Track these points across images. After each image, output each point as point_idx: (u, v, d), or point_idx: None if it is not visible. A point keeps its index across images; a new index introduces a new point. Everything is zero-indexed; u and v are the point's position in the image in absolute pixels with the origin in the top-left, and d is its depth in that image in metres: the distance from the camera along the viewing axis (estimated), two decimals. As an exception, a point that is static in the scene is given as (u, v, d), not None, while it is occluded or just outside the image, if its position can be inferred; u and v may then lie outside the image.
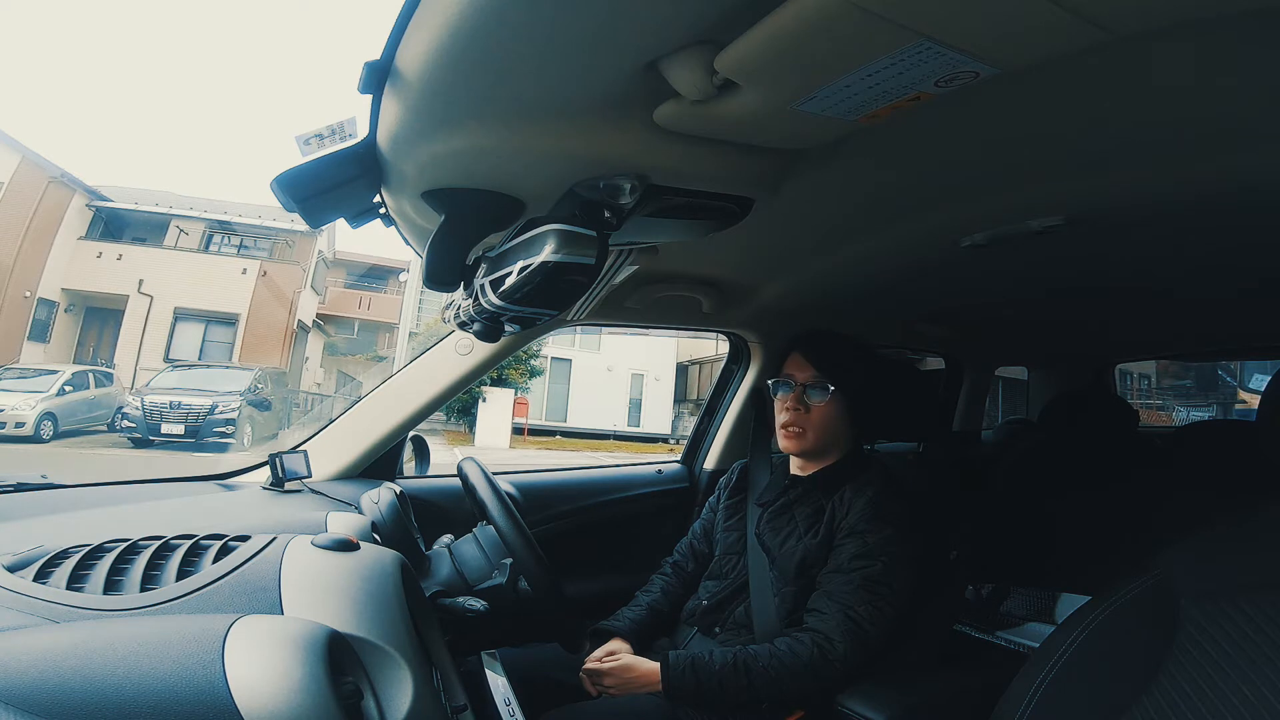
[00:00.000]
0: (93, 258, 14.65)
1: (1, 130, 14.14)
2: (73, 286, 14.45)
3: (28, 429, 9.91)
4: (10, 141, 14.01)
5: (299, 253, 16.11)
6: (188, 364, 12.61)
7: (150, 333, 14.56)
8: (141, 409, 10.18)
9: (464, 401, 13.22)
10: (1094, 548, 1.48)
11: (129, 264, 14.68)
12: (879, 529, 1.08)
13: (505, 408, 13.38)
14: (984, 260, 1.15)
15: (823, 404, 1.16)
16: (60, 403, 10.62)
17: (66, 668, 0.46)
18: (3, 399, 10.07)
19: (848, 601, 1.04)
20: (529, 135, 0.69)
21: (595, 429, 15.08)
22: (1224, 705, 0.60)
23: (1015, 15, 0.49)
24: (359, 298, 18.68)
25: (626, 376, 16.42)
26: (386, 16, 0.56)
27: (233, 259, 15.67)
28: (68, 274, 14.30)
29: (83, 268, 14.43)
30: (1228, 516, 0.71)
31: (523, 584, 1.04)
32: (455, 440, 13.01)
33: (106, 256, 14.75)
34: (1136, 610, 0.70)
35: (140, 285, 14.56)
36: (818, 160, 0.80)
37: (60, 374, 11.17)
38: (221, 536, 0.68)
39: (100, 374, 11.99)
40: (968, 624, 1.63)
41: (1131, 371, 10.60)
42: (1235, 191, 0.82)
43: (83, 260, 14.52)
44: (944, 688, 1.13)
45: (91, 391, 11.40)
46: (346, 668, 0.54)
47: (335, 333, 18.38)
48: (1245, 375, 7.56)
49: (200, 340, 15.07)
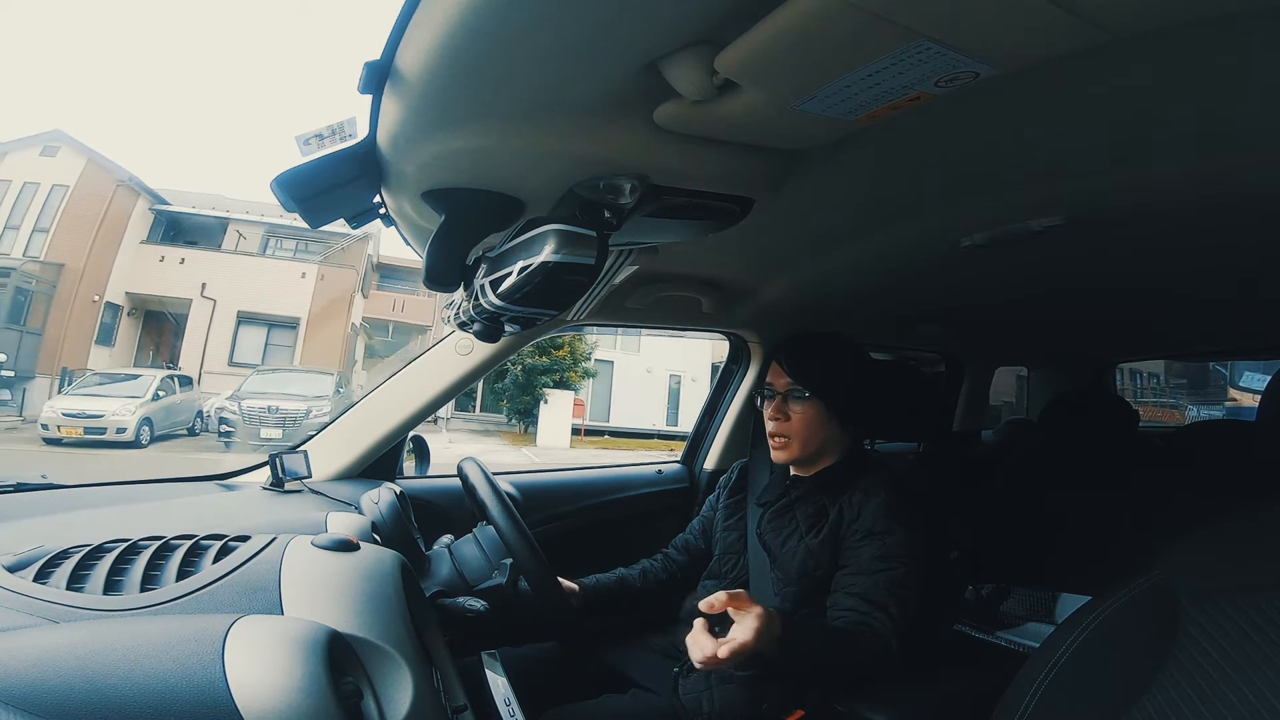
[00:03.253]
0: (155, 261, 14.87)
1: (65, 132, 14.47)
2: (136, 290, 14.63)
3: (129, 435, 10.07)
4: (76, 144, 14.27)
5: (350, 256, 16.30)
6: (273, 369, 12.76)
7: (214, 336, 14.75)
8: (240, 413, 10.33)
9: (526, 403, 13.60)
10: (1094, 548, 1.48)
11: (191, 268, 14.88)
12: (896, 530, 1.07)
13: (566, 409, 13.65)
14: (984, 260, 1.15)
15: (801, 411, 1.16)
16: (155, 408, 10.81)
17: (67, 668, 0.46)
18: (102, 405, 10.23)
19: (884, 603, 1.03)
20: (529, 135, 0.69)
21: (638, 428, 15.28)
22: (1224, 705, 0.60)
23: (1015, 15, 0.49)
24: (393, 300, 18.78)
25: (664, 377, 16.67)
26: (386, 16, 0.56)
27: (292, 263, 15.86)
28: (131, 278, 14.50)
29: (146, 271, 14.64)
30: (1228, 516, 0.71)
31: (522, 584, 1.04)
32: (517, 441, 13.24)
33: (169, 260, 14.95)
34: (1136, 610, 0.70)
35: (203, 289, 14.74)
36: (818, 160, 0.80)
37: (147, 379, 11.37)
38: (221, 537, 0.68)
39: (181, 378, 12.21)
40: (968, 624, 1.63)
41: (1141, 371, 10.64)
42: (1235, 191, 0.82)
43: (146, 264, 14.73)
44: (944, 688, 1.13)
45: (177, 396, 11.62)
46: (346, 668, 0.54)
47: (373, 335, 18.49)
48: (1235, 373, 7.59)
49: (263, 344, 15.23)
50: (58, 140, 14.30)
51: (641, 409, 15.81)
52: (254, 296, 14.81)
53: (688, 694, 1.11)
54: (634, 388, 16.30)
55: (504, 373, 13.52)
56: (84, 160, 14.17)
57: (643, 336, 16.01)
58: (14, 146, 14.09)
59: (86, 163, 14.17)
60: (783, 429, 1.17)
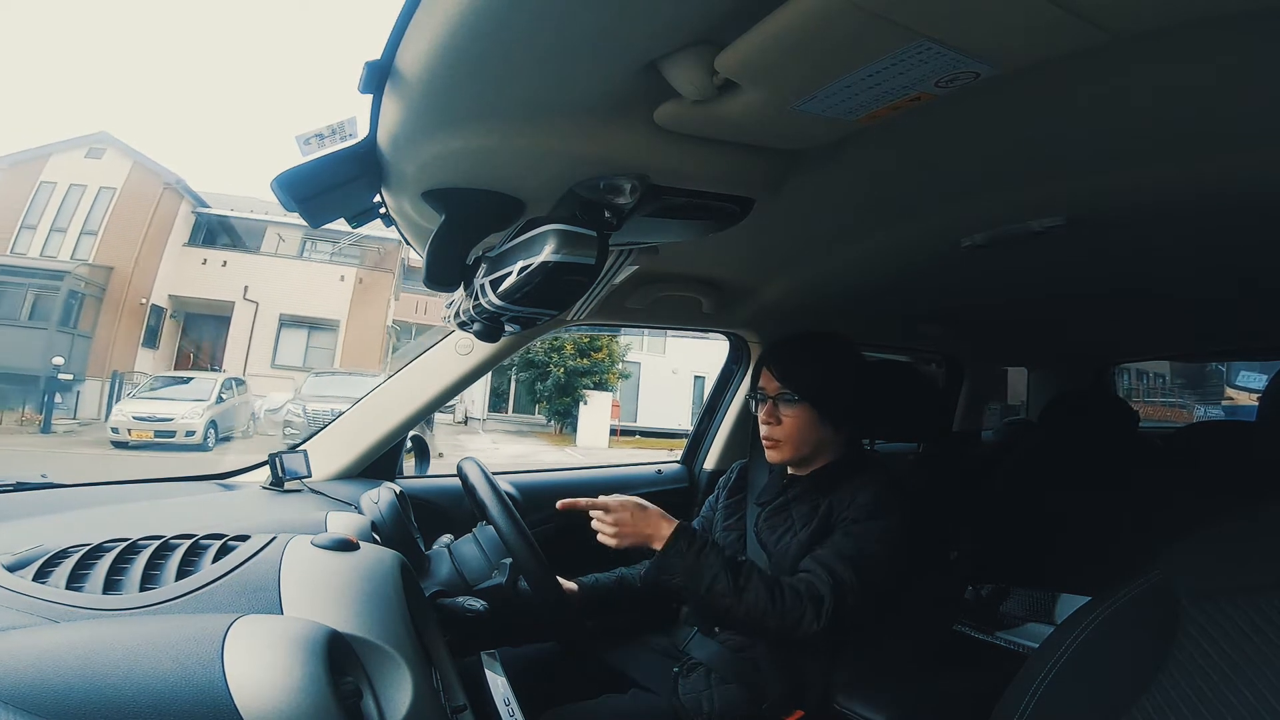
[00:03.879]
0: (198, 264, 14.98)
1: (110, 134, 14.60)
2: (179, 293, 14.73)
3: (197, 438, 10.26)
4: (122, 146, 14.37)
5: (388, 260, 16.39)
6: (330, 372, 12.99)
7: (256, 338, 14.87)
8: (304, 416, 10.49)
9: (565, 404, 13.86)
10: (1094, 548, 1.48)
11: (233, 270, 14.98)
12: (879, 518, 1.09)
13: (604, 410, 13.91)
14: (984, 260, 1.15)
15: (792, 414, 1.16)
16: (218, 411, 11.02)
17: (66, 668, 0.46)
18: (171, 408, 10.42)
19: (836, 568, 1.04)
20: (529, 135, 0.69)
21: (665, 428, 15.43)
22: (1224, 705, 0.60)
23: (1015, 15, 0.49)
24: (415, 302, 18.89)
25: (689, 378, 16.85)
26: (387, 16, 0.56)
27: (330, 266, 15.97)
28: (174, 281, 14.60)
29: (189, 274, 14.75)
30: (1228, 516, 0.71)
31: (522, 584, 1.04)
32: (557, 441, 13.43)
33: (211, 263, 15.07)
34: (1136, 610, 0.70)
35: (246, 292, 14.84)
36: (818, 160, 0.80)
37: (208, 382, 11.59)
38: (221, 536, 0.68)
39: (235, 381, 12.37)
40: (968, 624, 1.63)
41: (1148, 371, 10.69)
42: (1235, 191, 0.82)
43: (188, 267, 14.83)
44: (944, 688, 1.14)
45: (235, 398, 11.78)
46: (346, 667, 0.54)
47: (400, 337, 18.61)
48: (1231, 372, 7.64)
49: (304, 346, 15.37)
50: (103, 142, 14.41)
51: (668, 409, 16.00)
52: (294, 299, 14.94)
53: (687, 694, 1.11)
54: (660, 389, 16.55)
55: (546, 374, 13.83)
56: (130, 163, 14.28)
57: (668, 338, 16.23)
58: (59, 148, 14.21)
59: (132, 165, 14.27)
60: (775, 433, 1.17)
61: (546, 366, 13.99)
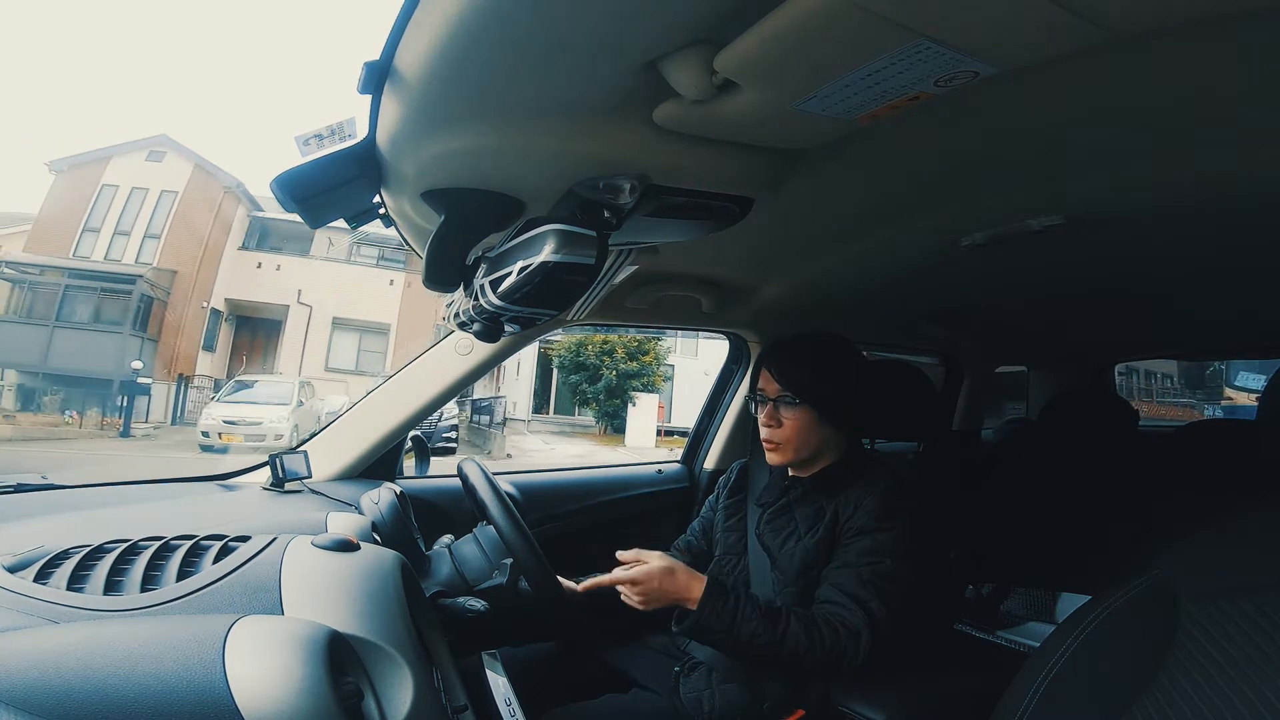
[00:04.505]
0: (253, 268, 15.12)
1: (170, 137, 14.71)
2: (235, 296, 14.87)
3: (285, 441, 10.41)
4: (182, 149, 14.45)
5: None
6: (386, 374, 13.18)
7: (310, 341, 15.04)
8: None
9: (615, 406, 14.26)
10: (1094, 547, 1.49)
11: (286, 274, 15.13)
12: (888, 527, 1.07)
13: (651, 411, 14.25)
14: (984, 260, 1.14)
15: (793, 416, 1.15)
16: (300, 414, 11.27)
17: (67, 668, 0.46)
18: (259, 412, 10.69)
19: (863, 597, 1.03)
20: (529, 135, 0.69)
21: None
22: (1224, 705, 0.60)
23: (1015, 15, 0.49)
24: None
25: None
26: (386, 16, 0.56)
27: (378, 270, 16.10)
28: (230, 284, 14.76)
29: (244, 278, 14.89)
30: (1228, 516, 0.71)
31: (523, 584, 1.04)
32: (606, 441, 13.71)
33: (266, 267, 15.20)
34: (1136, 610, 0.70)
35: (299, 295, 14.99)
36: (818, 160, 0.80)
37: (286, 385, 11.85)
38: (222, 537, 0.68)
39: (306, 384, 12.64)
40: (968, 624, 1.63)
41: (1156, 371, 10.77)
42: (1235, 191, 0.82)
43: (243, 270, 14.97)
44: (944, 688, 1.13)
45: (309, 401, 12.07)
46: (347, 668, 0.54)
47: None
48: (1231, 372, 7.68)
49: (356, 349, 15.54)
50: (163, 145, 14.50)
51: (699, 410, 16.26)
52: (346, 303, 15.10)
53: (688, 693, 1.11)
54: (693, 390, 16.78)
55: (598, 377, 14.25)
56: (190, 166, 14.37)
57: (700, 340, 16.44)
58: (119, 151, 14.29)
59: (193, 168, 14.36)
60: (776, 435, 1.16)
61: (599, 370, 14.36)
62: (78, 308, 13.02)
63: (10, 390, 12.38)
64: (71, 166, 14.06)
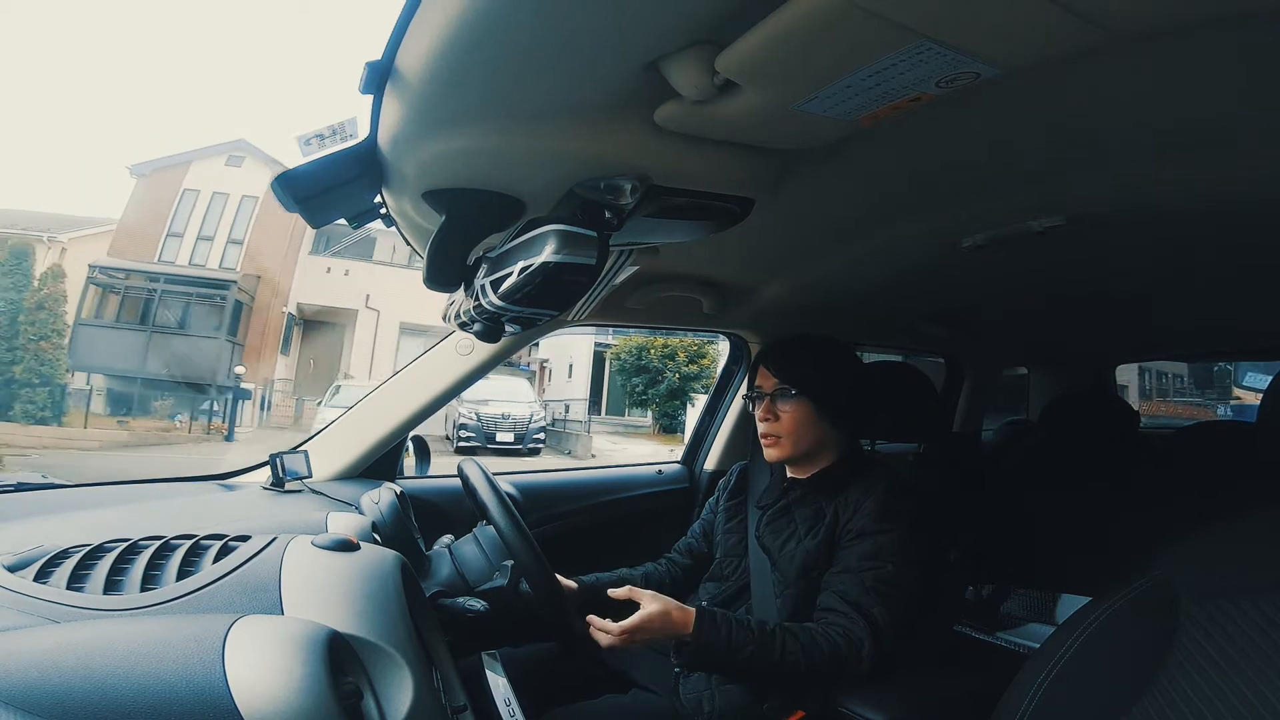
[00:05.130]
0: (322, 273, 15.21)
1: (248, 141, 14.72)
2: (306, 301, 14.96)
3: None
4: (261, 154, 14.45)
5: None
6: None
7: (379, 346, 15.13)
8: (479, 420, 10.94)
9: (674, 407, 14.49)
10: (1094, 548, 1.48)
11: (354, 279, 15.24)
12: (887, 529, 1.07)
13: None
14: (984, 260, 1.14)
15: (790, 410, 1.15)
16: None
17: (67, 668, 0.46)
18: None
19: (865, 604, 1.03)
20: (530, 136, 0.69)
21: None
22: (1224, 706, 0.60)
23: (1015, 15, 0.49)
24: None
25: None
26: (387, 16, 0.56)
27: None
28: (301, 289, 14.85)
29: (314, 283, 14.99)
30: (1228, 517, 0.71)
31: (523, 585, 1.04)
32: (665, 441, 13.73)
33: (335, 272, 15.31)
34: (1137, 611, 0.70)
35: (368, 300, 15.08)
36: (818, 161, 0.80)
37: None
38: (222, 537, 0.68)
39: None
40: (968, 624, 1.63)
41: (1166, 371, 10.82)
42: (1235, 191, 0.82)
43: (314, 276, 15.07)
44: (944, 688, 1.13)
45: None
46: (347, 668, 0.54)
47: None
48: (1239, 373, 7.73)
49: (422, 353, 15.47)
50: (242, 150, 14.52)
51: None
52: (412, 307, 15.03)
53: (688, 694, 1.11)
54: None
55: (659, 380, 14.56)
56: (269, 171, 14.28)
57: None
58: (199, 155, 14.32)
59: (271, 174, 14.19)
60: (773, 429, 1.17)
61: (661, 373, 14.65)
62: (170, 313, 13.14)
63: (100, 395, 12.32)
64: (154, 171, 14.09)
